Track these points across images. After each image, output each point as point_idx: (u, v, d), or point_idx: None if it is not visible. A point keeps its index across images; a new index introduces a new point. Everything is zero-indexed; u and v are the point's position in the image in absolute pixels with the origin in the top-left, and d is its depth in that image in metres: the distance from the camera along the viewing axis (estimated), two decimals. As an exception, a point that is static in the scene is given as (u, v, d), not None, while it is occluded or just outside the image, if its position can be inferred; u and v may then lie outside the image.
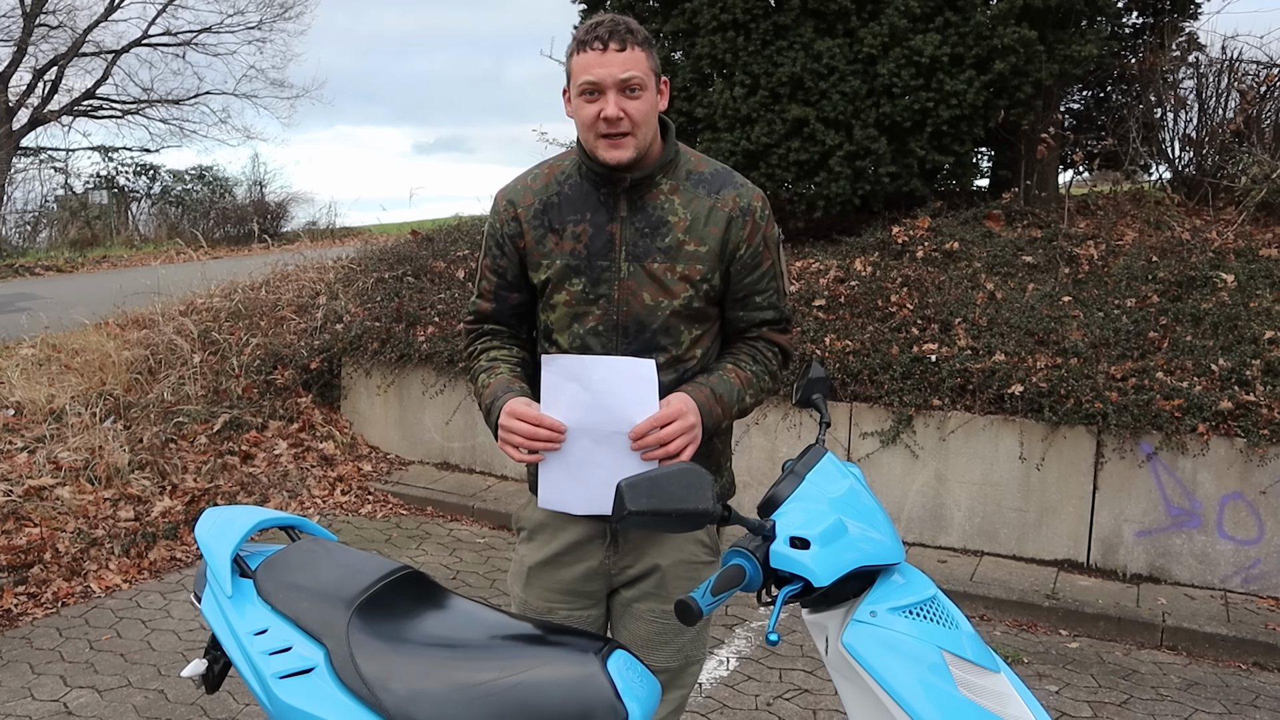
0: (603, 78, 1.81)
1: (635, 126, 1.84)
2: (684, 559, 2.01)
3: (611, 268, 1.91)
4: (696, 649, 2.08)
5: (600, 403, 1.82)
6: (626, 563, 2.02)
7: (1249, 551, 4.34)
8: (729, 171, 2.00)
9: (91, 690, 3.51)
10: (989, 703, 1.48)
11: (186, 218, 19.86)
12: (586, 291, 1.92)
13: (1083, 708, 3.54)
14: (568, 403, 1.83)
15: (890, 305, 5.40)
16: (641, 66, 1.84)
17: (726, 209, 1.94)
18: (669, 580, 2.01)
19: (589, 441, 1.84)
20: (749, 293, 1.98)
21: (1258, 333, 4.74)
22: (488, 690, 1.66)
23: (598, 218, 1.93)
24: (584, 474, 1.86)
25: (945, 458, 4.82)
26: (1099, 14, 6.60)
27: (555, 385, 1.84)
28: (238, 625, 1.90)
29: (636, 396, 1.81)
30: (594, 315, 1.92)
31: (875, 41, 6.09)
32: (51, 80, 19.90)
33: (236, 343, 6.69)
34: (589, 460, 1.85)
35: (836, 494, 1.60)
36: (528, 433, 1.81)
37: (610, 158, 1.86)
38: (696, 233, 1.92)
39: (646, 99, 1.85)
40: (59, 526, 4.59)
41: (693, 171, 1.98)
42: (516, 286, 2.03)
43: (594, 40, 1.82)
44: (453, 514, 5.58)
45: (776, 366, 2.05)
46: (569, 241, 1.93)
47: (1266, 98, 6.78)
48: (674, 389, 1.90)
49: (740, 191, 1.96)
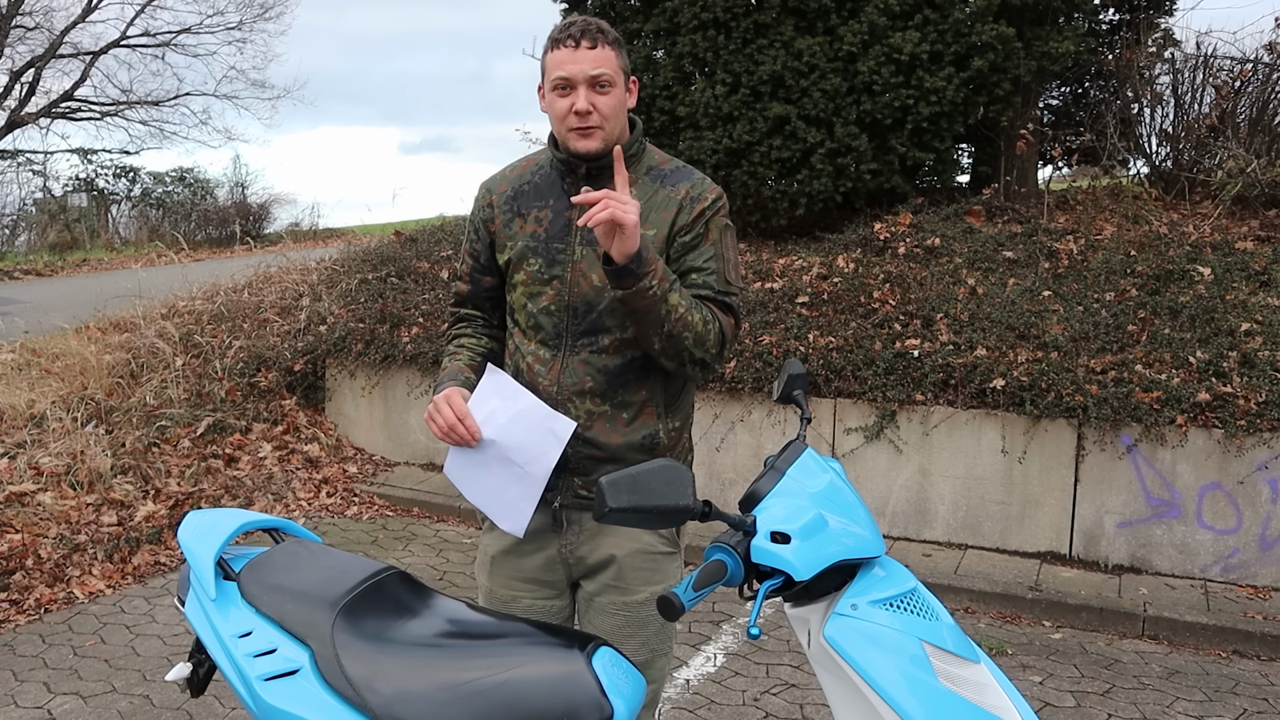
0: (574, 73, 1.91)
1: (604, 120, 1.94)
2: (640, 549, 2.04)
3: (566, 250, 2.00)
4: (662, 642, 2.10)
5: (510, 430, 1.95)
6: (583, 553, 2.06)
7: (1228, 541, 4.39)
8: (691, 170, 2.07)
9: (76, 696, 3.49)
10: (969, 693, 1.50)
11: (167, 220, 19.71)
12: (541, 271, 2.02)
13: (1066, 698, 3.57)
14: (486, 414, 1.97)
15: (873, 301, 5.43)
16: (611, 64, 1.93)
17: (679, 197, 2.01)
18: (626, 572, 2.04)
19: (492, 454, 1.98)
20: (687, 269, 1.99)
21: (1234, 325, 4.80)
22: (473, 689, 1.66)
23: (559, 204, 2.03)
24: (479, 475, 2.01)
25: (929, 452, 4.85)
26: (1076, 10, 6.66)
27: (486, 394, 1.99)
28: (222, 628, 1.89)
29: (541, 445, 1.94)
30: (547, 295, 2.01)
31: (855, 39, 6.12)
32: (29, 82, 19.72)
33: (219, 345, 6.65)
34: (487, 468, 1.99)
35: (817, 489, 1.61)
36: (450, 422, 1.94)
37: (581, 147, 1.95)
38: (646, 218, 1.98)
39: (615, 95, 1.95)
40: (41, 532, 4.56)
41: (654, 168, 2.06)
42: (489, 270, 2.14)
43: (567, 38, 1.92)
44: (439, 515, 5.58)
45: (717, 329, 1.96)
46: (531, 224, 2.05)
47: (1241, 93, 6.85)
48: (620, 373, 1.98)
49: (695, 184, 2.03)
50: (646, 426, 2.02)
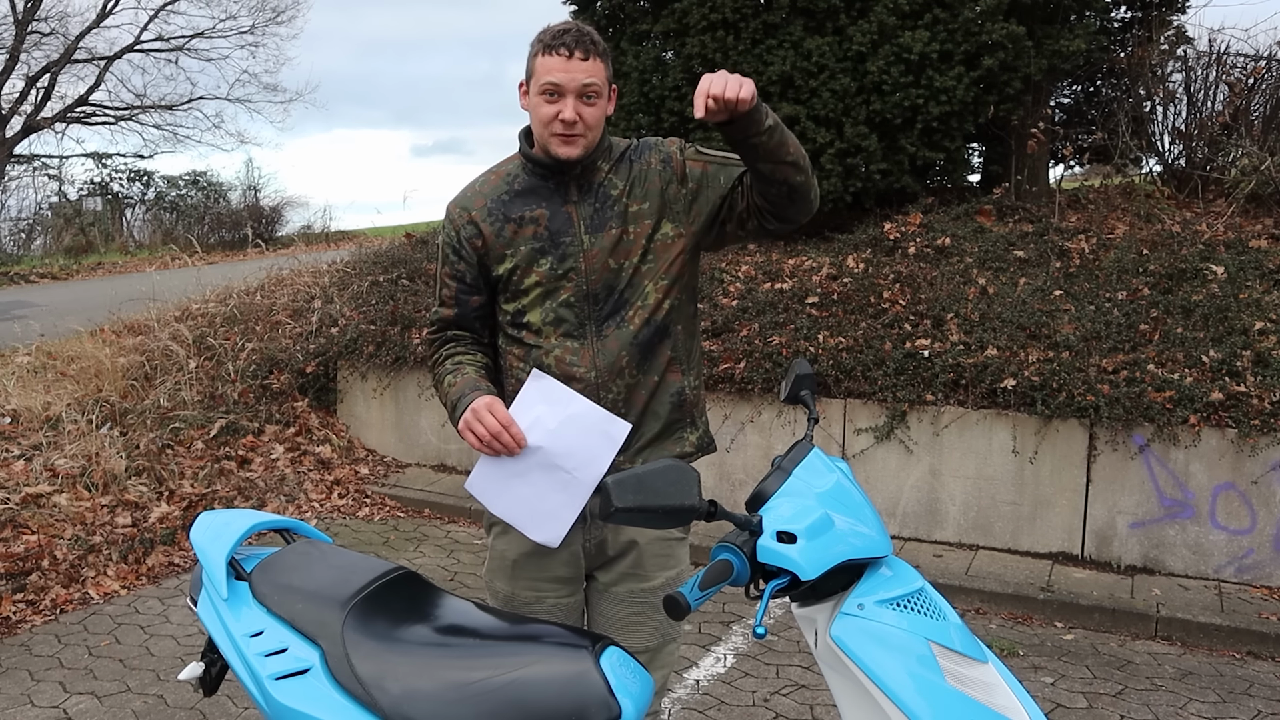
0: (565, 83, 1.95)
1: (588, 129, 1.99)
2: (659, 535, 2.11)
3: (574, 242, 2.04)
4: (673, 627, 2.17)
5: (560, 436, 1.93)
6: (605, 540, 2.10)
7: (1242, 541, 4.36)
8: (646, 139, 2.15)
9: (91, 696, 3.52)
10: (976, 693, 1.50)
11: (181, 223, 19.84)
12: (555, 268, 2.03)
13: (1078, 699, 3.56)
14: (532, 421, 1.94)
15: (883, 301, 5.42)
16: (600, 76, 1.98)
17: (655, 164, 2.08)
18: (646, 558, 2.10)
19: (534, 462, 1.95)
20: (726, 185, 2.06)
21: (1248, 324, 4.77)
22: (482, 688, 1.67)
23: (553, 203, 2.06)
24: (513, 485, 1.97)
25: (939, 453, 4.84)
26: (1087, 8, 6.63)
27: (530, 401, 1.96)
28: (234, 627, 1.91)
29: (594, 449, 1.93)
30: (565, 289, 2.03)
31: (864, 39, 6.11)
32: (44, 87, 19.88)
33: (232, 348, 6.69)
34: (524, 477, 1.96)
35: (823, 489, 1.62)
36: (494, 430, 1.92)
37: (563, 153, 1.99)
38: (636, 194, 2.07)
39: (600, 105, 2.01)
40: (57, 534, 4.60)
41: (623, 154, 2.12)
42: (476, 289, 2.12)
43: (560, 46, 1.95)
44: (450, 516, 5.60)
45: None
46: (529, 227, 2.05)
47: (1254, 90, 6.81)
48: (648, 340, 2.04)
49: (658, 146, 2.11)
50: (673, 385, 2.09)
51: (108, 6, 20.00)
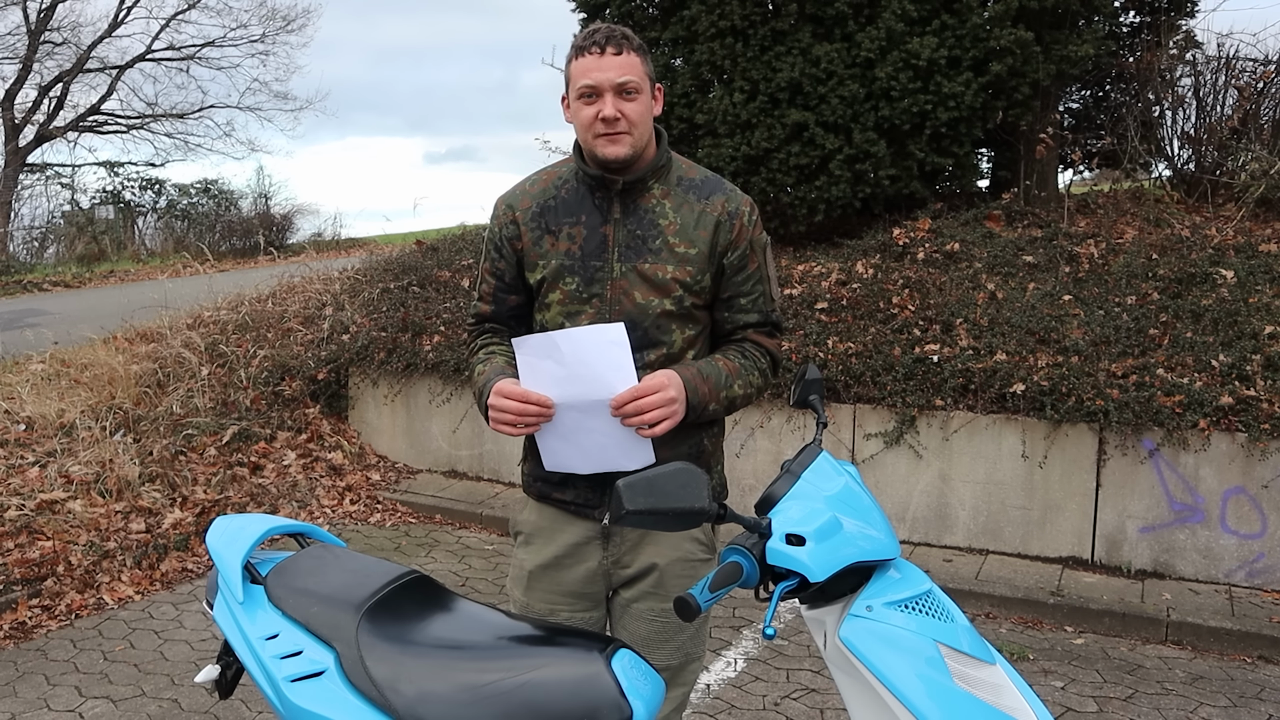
0: (600, 81, 1.89)
1: (631, 126, 1.91)
2: (681, 557, 2.05)
3: (604, 268, 1.97)
4: (696, 646, 2.13)
5: (576, 374, 1.87)
6: (624, 562, 2.06)
7: (1252, 546, 4.35)
8: (719, 179, 2.07)
9: (106, 700, 3.55)
10: (984, 694, 1.51)
11: (192, 231, 19.97)
12: (580, 290, 1.98)
13: (1088, 703, 3.56)
14: (546, 380, 1.89)
15: (892, 307, 5.43)
16: (637, 71, 1.91)
17: (715, 213, 2.00)
18: (667, 579, 2.05)
19: (577, 412, 1.90)
20: (734, 294, 2.03)
21: (1258, 328, 4.76)
22: (494, 690, 1.69)
23: (592, 220, 1.99)
24: (579, 439, 1.92)
25: (949, 457, 4.84)
26: (1095, 13, 6.63)
27: (531, 365, 1.90)
28: (249, 630, 1.93)
29: (610, 361, 1.85)
30: (587, 313, 1.98)
31: (873, 45, 6.12)
32: (57, 97, 20.07)
33: (244, 355, 6.74)
34: (581, 428, 1.91)
35: (832, 492, 1.63)
36: (517, 409, 1.88)
37: (609, 153, 1.92)
38: (686, 236, 1.98)
39: (642, 101, 1.93)
40: (71, 540, 4.64)
41: (684, 178, 2.04)
42: (514, 288, 2.09)
43: (591, 45, 1.90)
44: (461, 521, 5.62)
45: (765, 366, 2.09)
46: (564, 242, 2.00)
47: (1263, 94, 6.80)
48: None
49: (729, 197, 2.03)
50: (691, 435, 2.02)
51: (119, 16, 20.20)
